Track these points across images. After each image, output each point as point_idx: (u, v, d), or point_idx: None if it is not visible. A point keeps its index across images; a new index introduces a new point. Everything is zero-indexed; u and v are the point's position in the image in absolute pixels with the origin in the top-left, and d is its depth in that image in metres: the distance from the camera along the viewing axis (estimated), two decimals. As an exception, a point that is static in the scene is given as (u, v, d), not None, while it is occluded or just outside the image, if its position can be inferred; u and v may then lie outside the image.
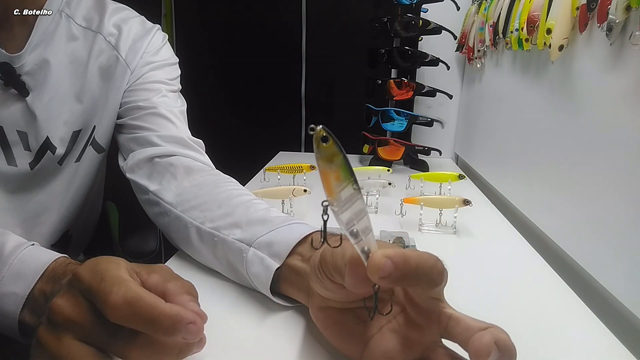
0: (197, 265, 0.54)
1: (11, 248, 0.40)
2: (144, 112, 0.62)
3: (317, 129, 0.24)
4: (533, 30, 0.67)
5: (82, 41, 0.60)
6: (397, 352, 0.32)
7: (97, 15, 0.61)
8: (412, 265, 0.28)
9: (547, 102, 0.69)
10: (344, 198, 0.26)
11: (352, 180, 0.26)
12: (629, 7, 0.45)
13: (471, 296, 0.50)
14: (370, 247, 0.28)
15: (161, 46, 0.67)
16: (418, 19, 1.05)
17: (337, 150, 0.24)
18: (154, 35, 0.66)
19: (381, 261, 0.27)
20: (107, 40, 0.61)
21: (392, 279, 0.27)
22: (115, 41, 0.61)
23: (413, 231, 0.68)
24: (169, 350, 0.30)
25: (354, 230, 0.27)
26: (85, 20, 0.60)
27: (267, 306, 0.45)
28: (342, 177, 0.25)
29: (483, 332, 0.28)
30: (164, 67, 0.67)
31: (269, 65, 1.76)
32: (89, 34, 0.60)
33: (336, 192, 0.26)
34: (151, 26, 0.67)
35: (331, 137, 0.24)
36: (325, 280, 0.33)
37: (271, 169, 0.87)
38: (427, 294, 0.31)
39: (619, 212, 0.49)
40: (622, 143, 0.49)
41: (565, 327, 0.44)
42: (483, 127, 1.05)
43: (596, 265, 0.54)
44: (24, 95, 0.55)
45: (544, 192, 0.69)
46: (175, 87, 0.68)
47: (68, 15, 0.59)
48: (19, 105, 0.55)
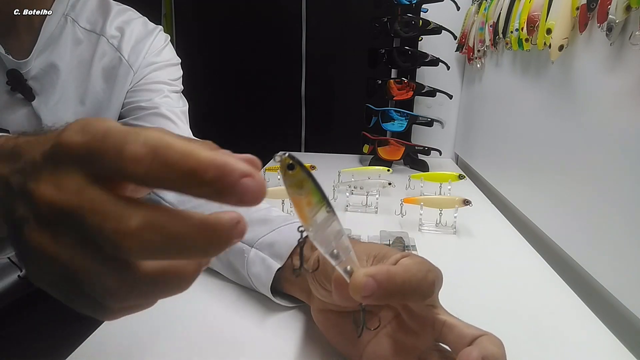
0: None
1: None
2: (146, 112, 0.62)
3: (282, 157, 0.23)
4: (533, 30, 0.67)
5: (86, 44, 0.60)
6: (392, 356, 0.33)
7: (101, 18, 0.62)
8: (398, 282, 0.28)
9: (547, 102, 0.69)
10: (319, 222, 0.26)
11: (324, 204, 0.25)
12: (629, 7, 0.45)
13: (471, 296, 0.50)
14: (352, 266, 0.28)
15: (163, 47, 0.67)
16: (418, 19, 1.05)
17: (304, 176, 0.24)
18: (156, 36, 0.66)
19: (362, 281, 0.27)
20: (110, 43, 0.61)
21: (376, 297, 0.27)
22: (118, 43, 0.62)
23: (413, 231, 0.68)
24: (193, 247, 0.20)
25: (334, 252, 0.27)
26: (90, 23, 0.61)
27: (267, 307, 0.45)
28: (314, 202, 0.25)
29: (471, 348, 0.27)
30: (166, 67, 0.67)
31: (269, 65, 1.76)
32: (93, 36, 0.61)
33: (310, 217, 0.25)
34: (153, 27, 0.68)
35: (297, 163, 0.23)
36: (319, 287, 0.34)
37: (271, 169, 0.87)
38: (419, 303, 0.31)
39: (619, 212, 0.49)
40: (622, 143, 0.49)
41: (565, 327, 0.44)
42: (483, 127, 1.05)
43: (596, 265, 0.54)
44: (30, 100, 0.56)
45: (544, 192, 0.69)
46: (177, 88, 0.68)
47: (73, 19, 0.59)
48: (25, 110, 0.56)
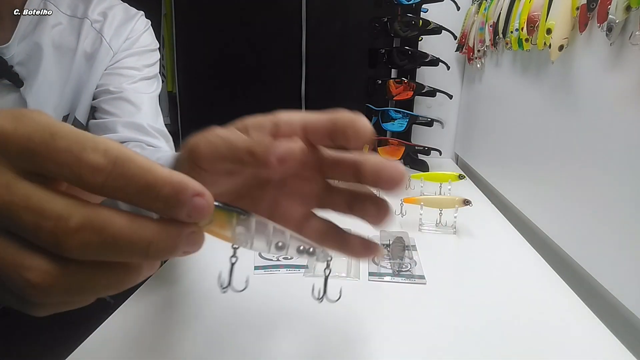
0: (195, 268, 0.54)
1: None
2: (112, 96, 0.63)
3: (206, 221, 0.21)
4: (533, 30, 0.67)
5: (69, 28, 0.62)
6: (289, 210, 0.30)
7: (82, 4, 0.64)
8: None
9: (547, 102, 0.69)
10: (243, 232, 0.24)
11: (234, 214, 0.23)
12: (629, 7, 0.45)
13: (471, 296, 0.50)
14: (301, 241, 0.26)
15: (143, 31, 0.69)
16: (418, 19, 1.05)
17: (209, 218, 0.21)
18: (137, 20, 0.68)
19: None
20: (93, 27, 0.63)
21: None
22: (100, 26, 0.64)
23: (413, 231, 0.68)
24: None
25: (279, 244, 0.25)
26: (70, 8, 0.63)
27: (267, 307, 0.45)
28: (224, 219, 0.23)
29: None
30: (143, 53, 0.69)
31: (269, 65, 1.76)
32: (75, 21, 0.63)
33: (231, 235, 0.24)
34: (135, 12, 0.69)
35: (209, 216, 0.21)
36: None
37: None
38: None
39: (619, 212, 0.49)
40: (621, 143, 0.49)
41: (565, 327, 0.44)
42: (483, 127, 1.05)
43: (596, 264, 0.54)
44: (18, 86, 0.57)
45: (544, 191, 0.69)
46: (151, 74, 0.70)
47: (53, 4, 0.61)
48: (12, 96, 0.57)
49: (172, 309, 0.46)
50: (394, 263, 0.56)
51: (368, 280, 0.53)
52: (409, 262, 0.57)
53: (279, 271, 0.54)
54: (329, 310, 0.46)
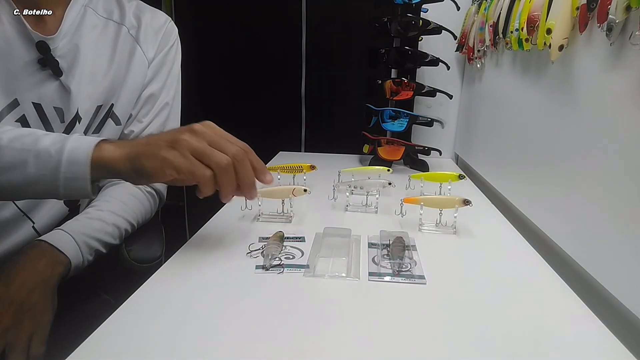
0: (197, 265, 0.54)
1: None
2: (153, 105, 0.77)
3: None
4: (533, 30, 0.67)
5: (105, 30, 0.70)
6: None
7: (117, 8, 0.72)
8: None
9: (547, 102, 0.69)
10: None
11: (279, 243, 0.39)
12: (629, 7, 0.45)
13: (471, 296, 0.50)
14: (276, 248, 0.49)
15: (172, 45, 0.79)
16: (418, 19, 1.05)
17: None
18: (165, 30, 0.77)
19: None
20: (129, 33, 0.72)
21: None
22: (136, 33, 0.73)
23: (413, 231, 0.68)
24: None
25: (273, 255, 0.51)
26: (106, 11, 0.71)
27: (267, 306, 0.45)
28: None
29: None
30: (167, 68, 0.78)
31: (269, 65, 1.76)
32: (111, 24, 0.71)
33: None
34: (164, 21, 0.78)
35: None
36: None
37: (271, 168, 0.87)
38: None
39: (619, 212, 0.49)
40: (621, 143, 0.49)
41: (565, 327, 0.44)
42: (483, 127, 1.05)
43: (596, 264, 0.54)
44: (58, 75, 0.64)
45: (544, 192, 0.69)
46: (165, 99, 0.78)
47: (92, 9, 0.69)
48: (54, 84, 0.64)
49: (172, 308, 0.46)
50: (394, 263, 0.56)
51: (368, 280, 0.53)
52: (409, 262, 0.57)
53: (279, 271, 0.54)
54: (329, 310, 0.46)
